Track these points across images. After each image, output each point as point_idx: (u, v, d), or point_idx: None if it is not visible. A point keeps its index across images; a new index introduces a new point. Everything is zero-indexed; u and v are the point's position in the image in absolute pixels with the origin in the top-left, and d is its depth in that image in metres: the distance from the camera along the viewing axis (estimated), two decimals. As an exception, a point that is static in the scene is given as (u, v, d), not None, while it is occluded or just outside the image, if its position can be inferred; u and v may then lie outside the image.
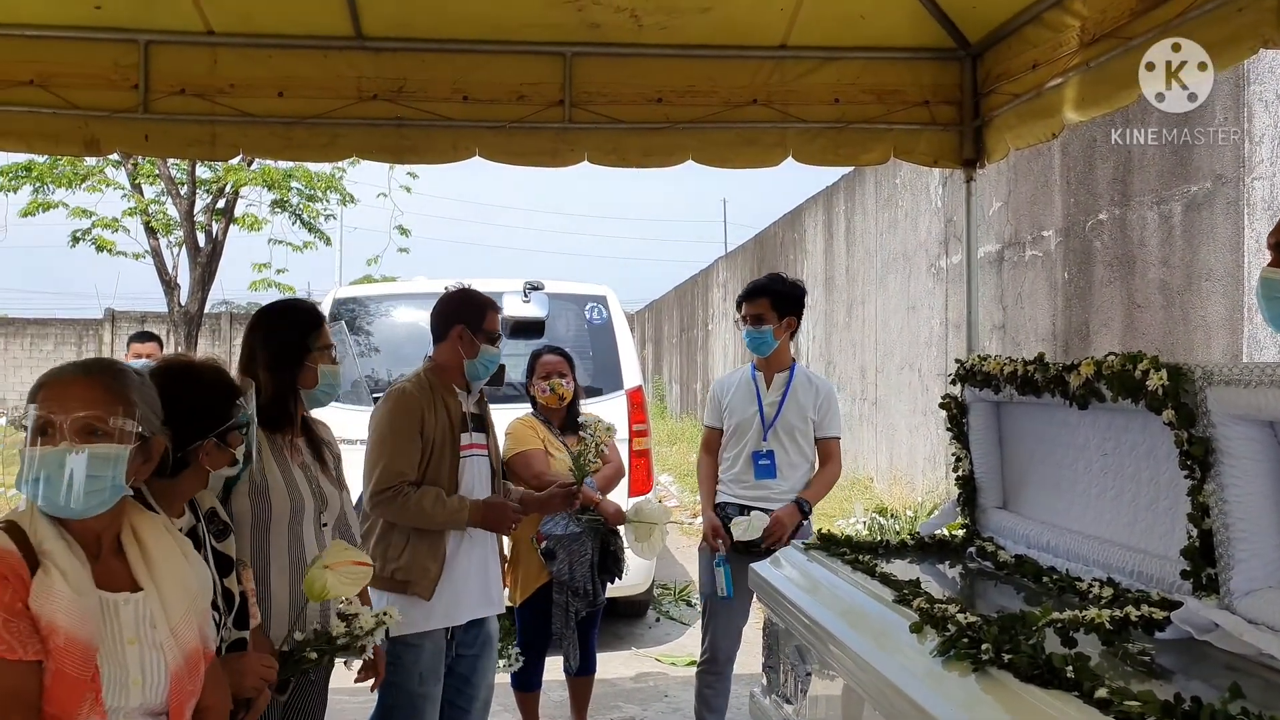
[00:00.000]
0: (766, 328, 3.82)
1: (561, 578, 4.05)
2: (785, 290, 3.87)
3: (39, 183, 15.04)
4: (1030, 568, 2.47)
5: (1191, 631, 1.82)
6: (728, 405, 3.97)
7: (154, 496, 2.10)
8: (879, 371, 9.30)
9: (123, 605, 1.67)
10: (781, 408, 3.85)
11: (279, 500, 2.53)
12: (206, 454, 2.07)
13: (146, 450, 1.74)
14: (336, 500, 2.70)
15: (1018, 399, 2.65)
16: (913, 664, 1.91)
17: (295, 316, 2.75)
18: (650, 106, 3.94)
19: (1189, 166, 4.98)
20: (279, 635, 2.55)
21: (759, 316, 3.82)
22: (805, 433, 3.87)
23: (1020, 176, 6.69)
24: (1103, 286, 5.68)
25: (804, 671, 2.50)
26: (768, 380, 3.94)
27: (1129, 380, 2.09)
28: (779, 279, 3.96)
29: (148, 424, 1.74)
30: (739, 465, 3.88)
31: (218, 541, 2.22)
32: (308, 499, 2.60)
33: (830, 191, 10.91)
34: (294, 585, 2.55)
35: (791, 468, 3.84)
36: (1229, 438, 1.89)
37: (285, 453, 2.63)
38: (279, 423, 2.63)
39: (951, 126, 4.08)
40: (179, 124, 3.74)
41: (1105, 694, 1.49)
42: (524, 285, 6.09)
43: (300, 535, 2.55)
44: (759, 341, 3.86)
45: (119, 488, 1.68)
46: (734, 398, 3.96)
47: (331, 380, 2.72)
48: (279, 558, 2.54)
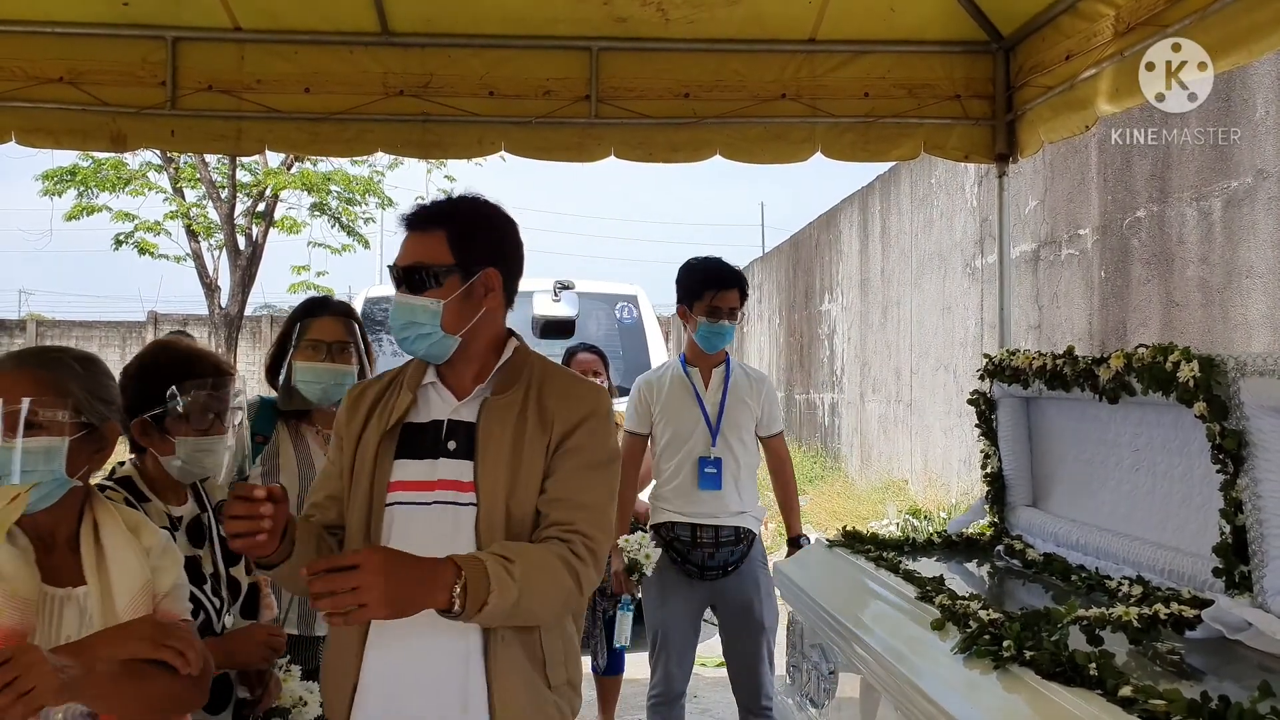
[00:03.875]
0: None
1: None
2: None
3: (83, 186, 15.31)
4: (1059, 566, 2.41)
5: (1223, 630, 1.76)
6: (660, 408, 3.53)
7: (149, 484, 2.10)
8: (914, 373, 9.19)
9: (65, 600, 1.62)
10: (724, 407, 3.48)
11: (289, 481, 2.58)
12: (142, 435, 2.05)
13: (98, 439, 1.68)
14: None
15: (1047, 394, 2.58)
16: (933, 661, 1.86)
17: (292, 314, 2.80)
18: (677, 101, 3.91)
19: (1229, 161, 4.86)
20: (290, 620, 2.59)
21: (735, 309, 3.51)
22: (750, 431, 3.54)
23: (1057, 174, 6.58)
24: (1140, 285, 5.56)
25: (826, 670, 2.45)
26: (705, 377, 3.55)
27: (1160, 373, 2.03)
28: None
29: (92, 412, 1.67)
30: (681, 476, 3.45)
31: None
32: None
33: (865, 192, 10.81)
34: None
35: (739, 476, 3.47)
36: (1263, 430, 1.82)
37: (307, 441, 2.67)
38: (292, 413, 2.69)
39: (984, 121, 4.00)
40: (205, 120, 3.77)
41: (1129, 692, 1.44)
42: (554, 284, 6.10)
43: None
44: (728, 335, 3.52)
45: (61, 480, 1.62)
46: (668, 399, 3.52)
47: (309, 376, 2.66)
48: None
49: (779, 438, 3.67)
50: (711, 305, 3.46)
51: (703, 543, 3.43)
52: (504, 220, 1.92)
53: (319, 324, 2.70)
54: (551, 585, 1.66)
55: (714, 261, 3.60)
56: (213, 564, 2.12)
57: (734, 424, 3.50)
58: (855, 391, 10.98)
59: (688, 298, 3.54)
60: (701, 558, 3.43)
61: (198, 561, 2.08)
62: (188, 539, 2.08)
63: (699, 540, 3.44)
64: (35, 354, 1.69)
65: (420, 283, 1.82)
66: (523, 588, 1.60)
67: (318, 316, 2.72)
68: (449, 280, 1.82)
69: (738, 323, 3.58)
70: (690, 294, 3.53)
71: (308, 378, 2.66)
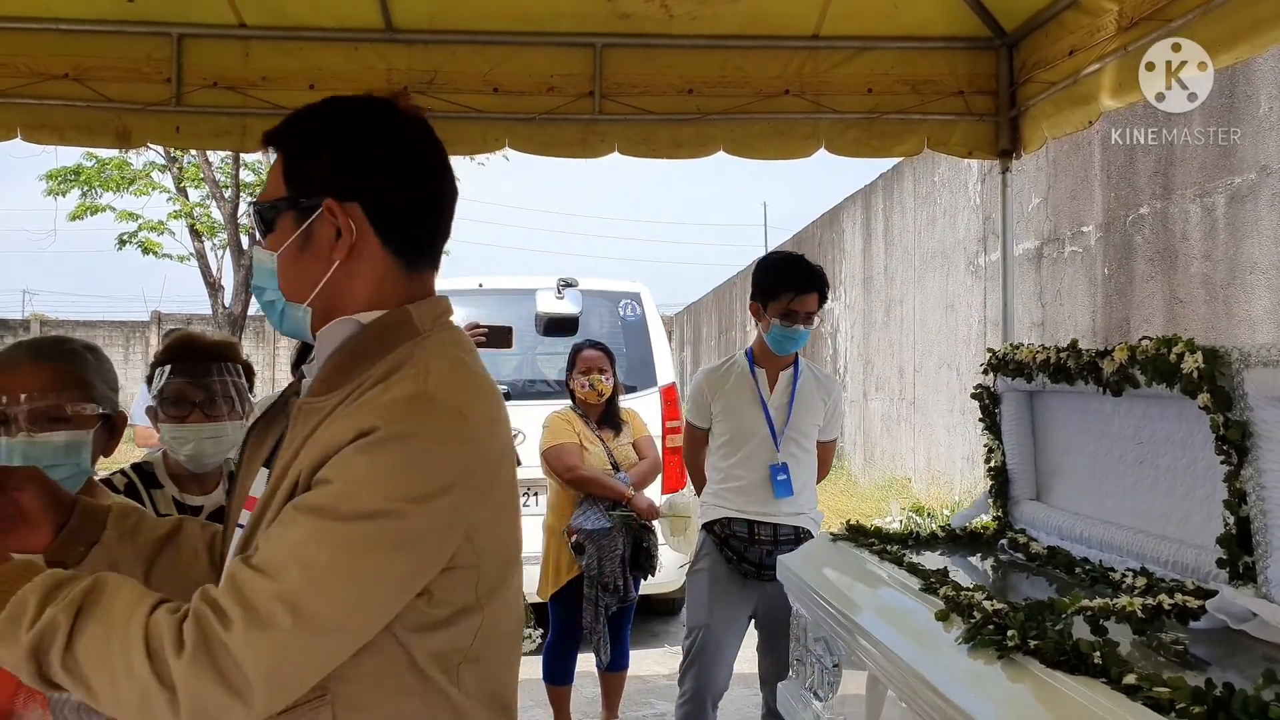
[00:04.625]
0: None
1: (591, 572, 4.04)
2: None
3: (87, 186, 15.35)
4: (1063, 559, 2.41)
5: (1227, 621, 1.76)
6: (722, 405, 3.43)
7: (170, 472, 2.14)
8: (917, 371, 9.19)
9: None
10: (791, 413, 3.38)
11: None
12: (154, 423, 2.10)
13: (111, 428, 1.69)
14: None
15: (1050, 388, 2.59)
16: (937, 652, 1.86)
17: None
18: (681, 98, 3.92)
19: (1233, 158, 4.86)
20: None
21: (812, 314, 3.36)
22: (813, 438, 3.46)
23: (1060, 172, 6.58)
24: (1144, 282, 5.56)
25: (830, 663, 2.46)
26: (771, 379, 3.43)
27: (1164, 364, 2.03)
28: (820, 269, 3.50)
29: (106, 402, 1.67)
30: (747, 478, 3.35)
31: None
32: None
33: (868, 190, 10.81)
34: None
35: (803, 481, 3.39)
36: (1267, 421, 1.82)
37: None
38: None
39: (987, 117, 4.01)
40: (210, 116, 3.77)
41: (1134, 680, 1.44)
42: (558, 282, 6.09)
43: None
44: (802, 340, 3.38)
45: (84, 472, 1.63)
46: (730, 397, 3.42)
47: None
48: None
49: (831, 444, 3.60)
50: (789, 308, 3.32)
51: (761, 539, 3.33)
52: (366, 128, 1.25)
53: None
54: (114, 666, 1.04)
55: (795, 260, 3.45)
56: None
57: (798, 430, 3.39)
58: (858, 390, 10.98)
59: (763, 295, 3.39)
60: (759, 555, 3.31)
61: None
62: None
63: (757, 537, 3.33)
64: (50, 345, 1.67)
65: (261, 228, 1.29)
66: (66, 644, 1.06)
67: None
68: (281, 221, 1.26)
69: (814, 327, 3.43)
70: (766, 292, 3.38)
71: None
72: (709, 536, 3.42)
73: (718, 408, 3.43)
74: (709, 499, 3.45)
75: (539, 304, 5.98)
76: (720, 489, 3.41)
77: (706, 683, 3.34)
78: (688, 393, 3.58)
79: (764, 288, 3.40)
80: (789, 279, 3.35)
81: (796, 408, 3.38)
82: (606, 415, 4.30)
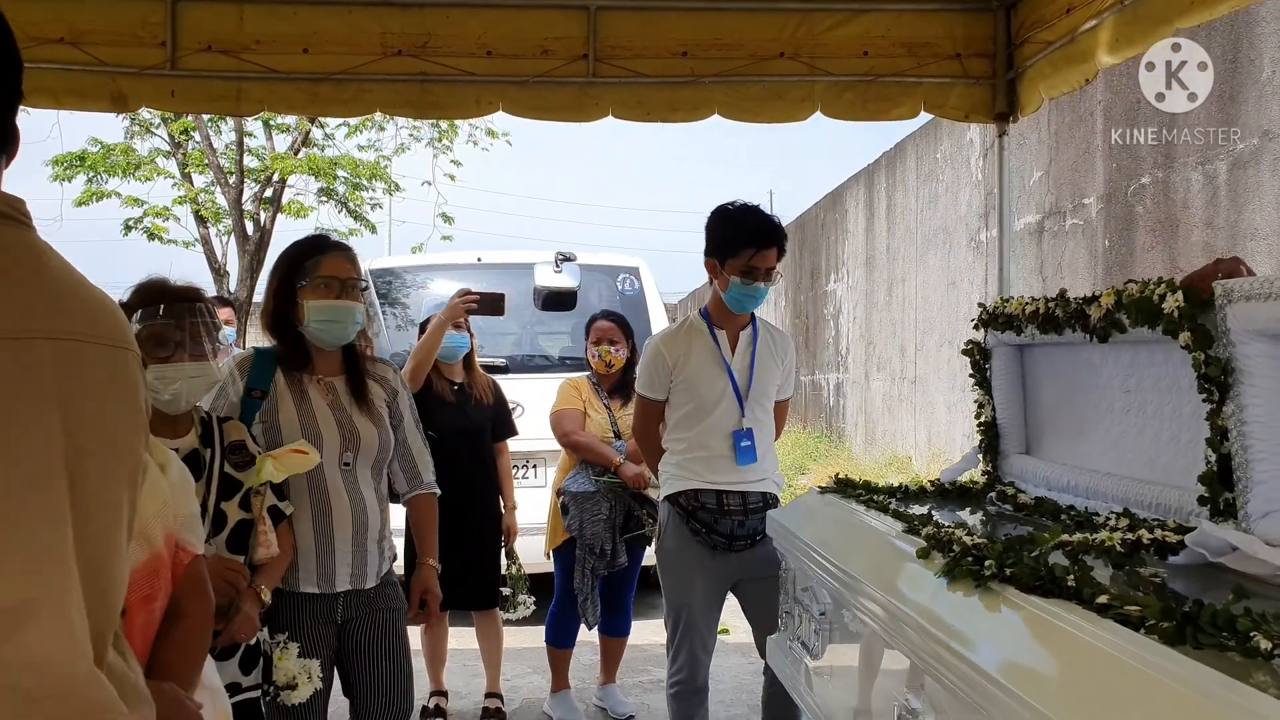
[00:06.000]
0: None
1: (573, 533, 4.12)
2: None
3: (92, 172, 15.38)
4: (1049, 507, 2.41)
5: (1205, 554, 1.75)
6: (684, 373, 3.19)
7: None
8: (918, 350, 9.17)
9: None
10: (753, 374, 3.19)
11: (289, 435, 2.54)
12: None
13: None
14: (373, 439, 2.63)
15: (1040, 339, 2.58)
16: (918, 588, 1.87)
17: (286, 254, 2.68)
18: (676, 60, 3.91)
19: (1235, 123, 4.83)
20: (308, 579, 2.58)
21: (772, 269, 3.16)
22: (773, 398, 3.29)
23: (1062, 144, 6.55)
24: (1144, 253, 5.53)
25: (817, 612, 2.46)
26: (731, 340, 3.22)
27: (1147, 305, 2.02)
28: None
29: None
30: (714, 447, 3.15)
31: (237, 470, 2.26)
32: (328, 435, 2.58)
33: (871, 169, 10.78)
34: (318, 525, 2.58)
35: (765, 446, 3.22)
36: (1249, 356, 1.81)
37: (308, 390, 2.62)
38: (294, 362, 2.63)
39: (984, 79, 4.00)
40: (205, 80, 3.79)
41: (1106, 600, 1.44)
42: (556, 256, 6.09)
43: (320, 472, 2.54)
44: (761, 297, 3.18)
45: None
46: (693, 363, 3.18)
47: (323, 315, 2.57)
48: (299, 496, 2.55)
49: (786, 403, 3.44)
50: (749, 264, 3.10)
51: (731, 510, 3.15)
52: None
53: (329, 261, 2.61)
54: None
55: (754, 213, 3.18)
56: (202, 496, 2.16)
57: (761, 393, 3.22)
58: (860, 371, 10.96)
59: (719, 251, 3.16)
60: (730, 526, 3.15)
61: None
62: None
63: (726, 508, 3.15)
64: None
65: None
66: None
67: (326, 254, 2.62)
68: None
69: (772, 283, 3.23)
70: (723, 248, 3.14)
71: (324, 316, 2.58)
72: (673, 510, 3.21)
73: (680, 376, 3.19)
74: (671, 469, 3.23)
75: (537, 278, 5.99)
76: (684, 459, 3.20)
77: (695, 660, 3.20)
78: (642, 362, 3.34)
79: (721, 243, 3.16)
80: (749, 234, 3.12)
81: (758, 368, 3.20)
82: (619, 385, 4.35)
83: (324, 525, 2.57)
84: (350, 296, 2.61)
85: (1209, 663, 1.23)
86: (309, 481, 2.55)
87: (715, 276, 3.21)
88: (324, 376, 2.65)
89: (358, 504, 2.60)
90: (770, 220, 3.17)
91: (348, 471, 2.60)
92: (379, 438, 2.65)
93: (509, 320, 6.17)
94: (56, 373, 0.95)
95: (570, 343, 6.20)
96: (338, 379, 2.66)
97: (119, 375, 1.02)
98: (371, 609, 2.66)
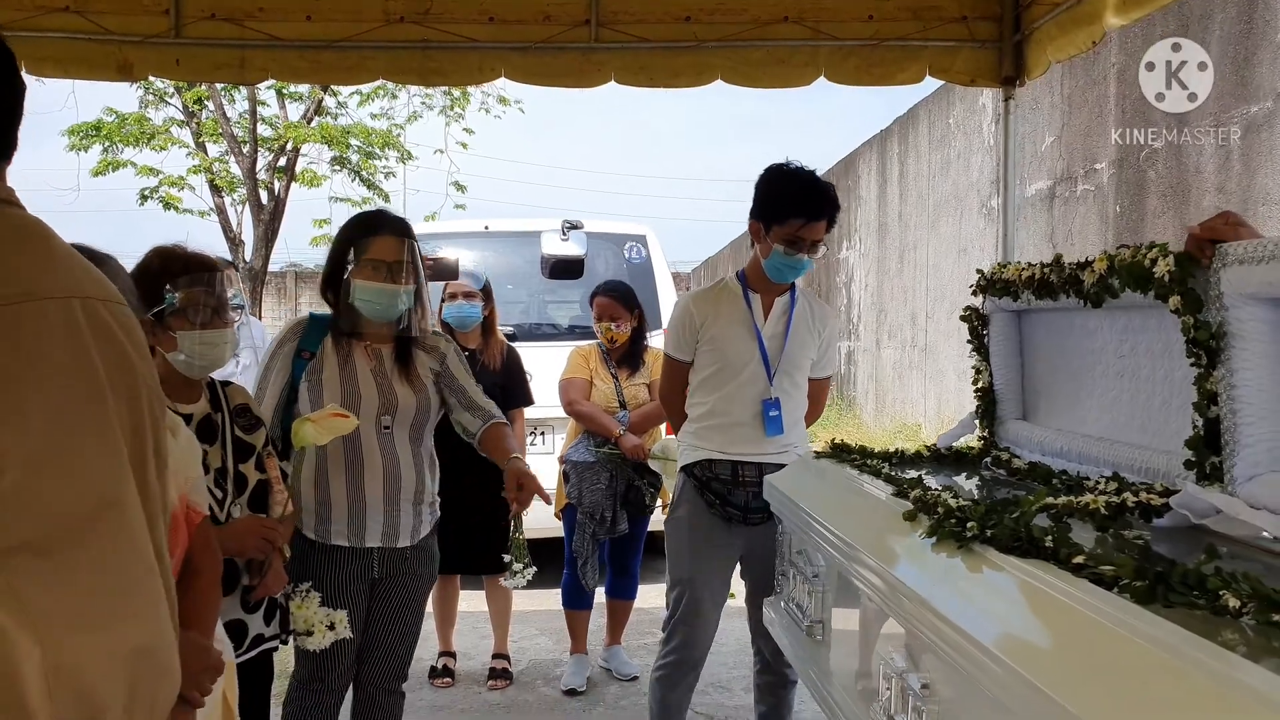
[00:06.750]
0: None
1: (573, 500, 4.19)
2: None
3: (108, 141, 15.41)
4: (1042, 472, 2.41)
5: (1189, 516, 1.76)
6: (711, 334, 3.07)
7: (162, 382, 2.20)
8: (929, 317, 9.14)
9: None
10: (786, 344, 3.07)
11: (330, 392, 2.66)
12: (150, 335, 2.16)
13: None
14: (411, 403, 2.74)
15: (1037, 306, 2.58)
16: (903, 550, 1.89)
17: (343, 229, 2.82)
18: (679, 25, 3.89)
19: (1249, 86, 4.77)
20: (339, 532, 2.67)
21: (819, 243, 3.01)
22: (806, 373, 3.16)
23: (1074, 108, 6.48)
24: (1155, 218, 5.49)
25: (811, 574, 2.49)
26: (766, 307, 3.10)
27: (1138, 269, 2.02)
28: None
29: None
30: (736, 414, 3.05)
31: (246, 434, 2.33)
32: (367, 397, 2.69)
33: (884, 135, 10.70)
34: (351, 482, 2.68)
35: (794, 419, 3.12)
36: (1241, 319, 1.81)
37: (353, 354, 2.73)
38: (343, 329, 2.74)
39: (990, 43, 3.96)
40: (209, 48, 3.80)
41: (1082, 559, 1.45)
42: (562, 224, 6.08)
43: (357, 431, 2.61)
44: (803, 270, 3.04)
45: None
46: (721, 325, 3.07)
47: (368, 296, 2.66)
48: (335, 453, 2.66)
49: (824, 382, 3.29)
50: (797, 235, 2.95)
51: (746, 481, 3.03)
52: None
53: (379, 243, 2.68)
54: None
55: (808, 180, 3.01)
56: (221, 460, 2.24)
57: (792, 363, 3.08)
58: (871, 339, 10.94)
59: (766, 215, 2.99)
60: (744, 499, 3.03)
61: (204, 456, 2.20)
62: (197, 435, 2.20)
63: (742, 478, 3.04)
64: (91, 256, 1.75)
65: None
66: None
67: (377, 235, 2.70)
68: None
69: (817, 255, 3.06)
70: (770, 212, 2.98)
71: (368, 297, 2.67)
72: (688, 480, 3.12)
73: (706, 336, 3.07)
74: (688, 439, 3.14)
75: (544, 246, 5.98)
76: (702, 428, 3.10)
77: (692, 642, 3.09)
78: (671, 320, 3.21)
79: (769, 207, 3.00)
80: (801, 203, 2.96)
81: (792, 339, 3.07)
82: (627, 355, 4.39)
83: (357, 482, 2.69)
84: (397, 279, 2.68)
85: (1179, 621, 1.24)
86: (346, 440, 2.65)
87: (758, 240, 3.07)
88: (372, 344, 2.76)
89: (391, 463, 2.71)
90: (826, 190, 3.01)
91: (385, 433, 2.71)
92: (417, 402, 2.76)
93: (517, 289, 6.19)
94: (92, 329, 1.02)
95: (579, 311, 6.21)
96: (385, 346, 2.77)
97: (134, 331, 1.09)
98: (404, 572, 2.78)
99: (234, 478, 2.28)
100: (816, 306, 3.26)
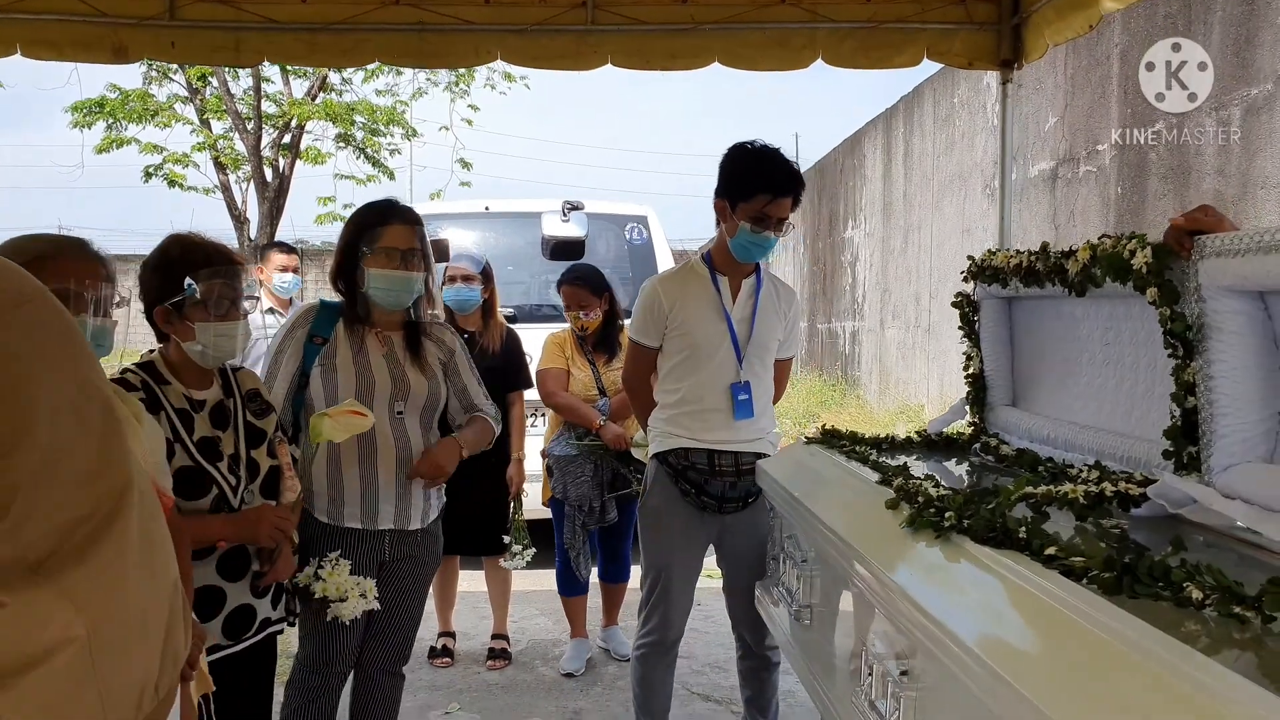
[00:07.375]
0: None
1: (558, 495, 4.19)
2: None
3: (112, 118, 15.38)
4: (1029, 459, 2.43)
5: (1166, 506, 1.78)
6: (680, 318, 3.01)
7: (171, 369, 2.24)
8: (933, 298, 9.13)
9: None
10: (754, 326, 3.02)
11: (345, 378, 2.70)
12: (165, 323, 2.22)
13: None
14: (423, 389, 2.78)
15: (1026, 293, 2.59)
16: (883, 538, 1.91)
17: (354, 218, 2.83)
18: (675, 7, 3.88)
19: (1250, 69, 4.74)
20: (352, 515, 2.71)
21: (784, 220, 2.95)
22: (774, 354, 3.11)
23: (1077, 89, 6.44)
24: (1156, 200, 5.47)
25: (800, 559, 2.52)
26: (734, 289, 3.04)
27: (1117, 260, 2.03)
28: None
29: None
30: (707, 400, 2.99)
31: (257, 419, 2.38)
32: (380, 382, 2.73)
33: (889, 114, 10.64)
34: (364, 466, 2.72)
35: (763, 403, 3.06)
36: (1219, 312, 1.82)
37: (366, 341, 2.76)
38: (355, 316, 2.77)
39: (988, 26, 3.94)
40: (205, 31, 3.80)
41: (1053, 551, 1.48)
42: (563, 205, 6.07)
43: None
44: (770, 247, 2.99)
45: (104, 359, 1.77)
46: (690, 309, 3.00)
47: (382, 284, 2.70)
48: (349, 441, 2.68)
49: (787, 363, 3.27)
50: (763, 211, 2.88)
51: (723, 470, 3.00)
52: None
53: (391, 231, 2.71)
54: None
55: (773, 157, 2.93)
56: (233, 446, 2.28)
57: (761, 345, 3.04)
58: (875, 319, 10.93)
59: (731, 192, 2.93)
60: (721, 488, 3.01)
61: (217, 441, 2.26)
62: (210, 421, 2.26)
63: (718, 468, 3.00)
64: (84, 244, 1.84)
65: None
66: None
67: (389, 224, 2.73)
68: None
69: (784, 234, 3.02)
70: (735, 190, 2.92)
71: (382, 285, 2.70)
72: (661, 467, 3.07)
73: (675, 320, 3.01)
74: (660, 425, 3.08)
75: (544, 227, 5.98)
76: (675, 414, 3.04)
77: (668, 623, 3.10)
78: (638, 305, 3.11)
79: (734, 184, 2.93)
80: (765, 179, 2.88)
81: (759, 321, 3.02)
82: (602, 339, 4.32)
83: (370, 466, 2.73)
84: (411, 266, 2.72)
85: (1143, 612, 1.26)
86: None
87: (724, 219, 2.99)
88: (383, 330, 2.80)
89: (403, 448, 2.75)
90: (790, 166, 2.94)
91: (398, 418, 2.76)
92: (429, 388, 2.80)
93: (517, 270, 6.19)
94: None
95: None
96: (396, 334, 2.81)
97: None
98: (411, 557, 2.83)
99: (247, 463, 2.31)
100: (781, 288, 3.20)
